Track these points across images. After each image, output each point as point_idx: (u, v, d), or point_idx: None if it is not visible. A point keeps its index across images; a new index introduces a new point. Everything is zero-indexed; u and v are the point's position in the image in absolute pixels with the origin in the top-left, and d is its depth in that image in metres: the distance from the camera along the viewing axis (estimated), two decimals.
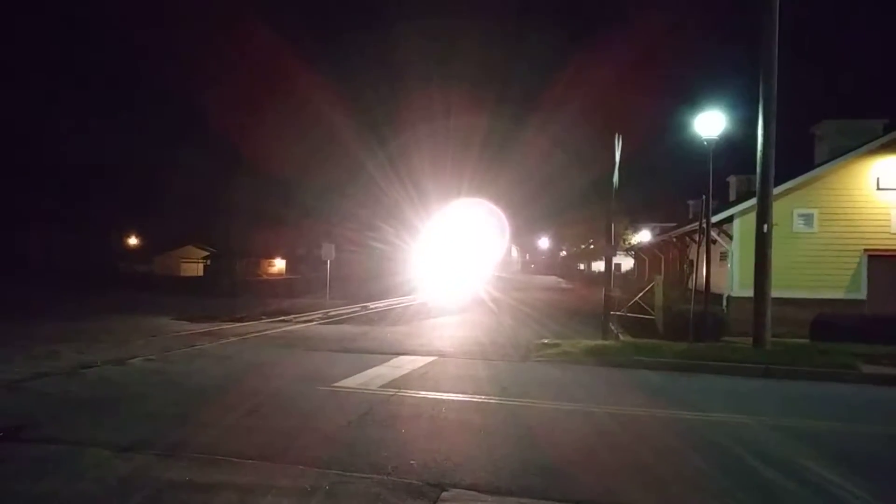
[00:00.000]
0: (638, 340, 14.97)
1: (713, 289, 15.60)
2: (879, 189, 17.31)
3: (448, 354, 12.91)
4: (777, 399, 9.47)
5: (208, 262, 67.37)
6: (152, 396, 8.67)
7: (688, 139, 15.83)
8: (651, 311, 17.36)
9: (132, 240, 75.31)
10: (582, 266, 74.26)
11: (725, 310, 17.30)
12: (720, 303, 17.58)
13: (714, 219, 16.80)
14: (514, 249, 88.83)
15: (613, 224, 16.07)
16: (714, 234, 16.98)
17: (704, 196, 15.16)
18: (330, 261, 25.11)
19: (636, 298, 18.44)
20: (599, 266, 52.56)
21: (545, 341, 14.33)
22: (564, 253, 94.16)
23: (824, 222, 17.56)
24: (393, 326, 18.65)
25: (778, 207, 14.92)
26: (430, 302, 28.30)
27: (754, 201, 14.07)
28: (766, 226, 13.24)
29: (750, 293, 13.85)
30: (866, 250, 17.29)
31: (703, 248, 14.99)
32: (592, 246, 65.04)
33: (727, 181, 31.08)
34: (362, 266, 48.86)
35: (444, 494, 5.18)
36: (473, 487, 5.34)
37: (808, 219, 17.63)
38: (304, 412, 7.85)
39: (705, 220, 15.02)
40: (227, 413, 7.66)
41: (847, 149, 17.98)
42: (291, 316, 20.60)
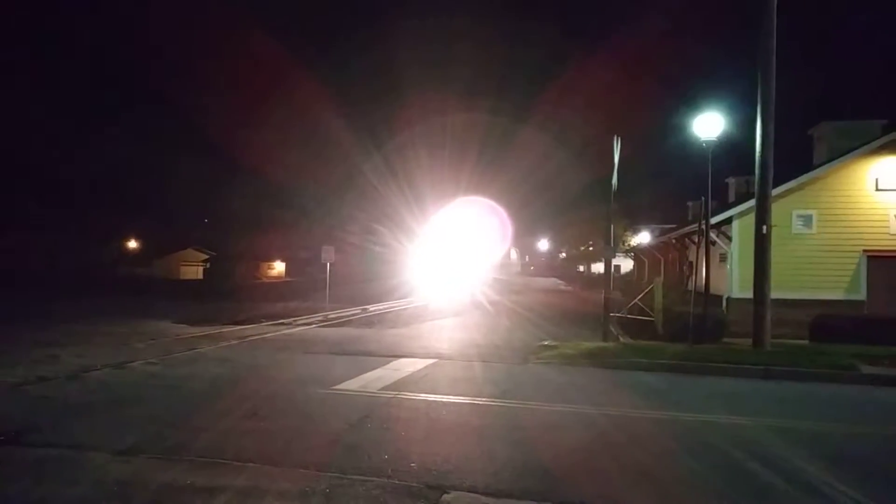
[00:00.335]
0: (637, 342, 14.98)
1: (713, 290, 15.61)
2: (878, 190, 17.33)
3: (447, 357, 12.91)
4: (776, 400, 9.47)
5: (208, 266, 67.42)
6: (152, 400, 8.66)
7: (687, 141, 15.83)
8: (651, 313, 17.36)
9: (132, 243, 75.31)
10: (581, 268, 74.17)
11: (725, 311, 17.31)
12: (720, 304, 17.59)
13: (713, 220, 16.82)
14: (514, 251, 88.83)
15: (613, 226, 16.07)
16: (713, 236, 16.99)
17: (703, 197, 15.16)
18: (329, 263, 25.11)
19: (636, 300, 18.46)
20: (599, 268, 52.47)
21: (544, 343, 14.33)
22: (564, 255, 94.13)
23: (823, 223, 17.57)
24: (392, 329, 18.65)
25: (777, 209, 14.94)
26: (429, 304, 28.30)
27: (753, 202, 14.09)
28: (766, 227, 13.25)
29: (749, 294, 13.86)
30: (865, 251, 17.30)
31: (703, 250, 14.99)
32: (592, 248, 65.02)
33: (726, 182, 31.15)
34: (362, 268, 48.86)
35: (445, 497, 5.18)
36: (473, 490, 5.33)
37: (807, 220, 17.64)
38: (304, 415, 7.84)
39: (704, 222, 15.04)
40: (227, 416, 7.65)
41: (846, 150, 18.01)
42: (291, 319, 20.59)
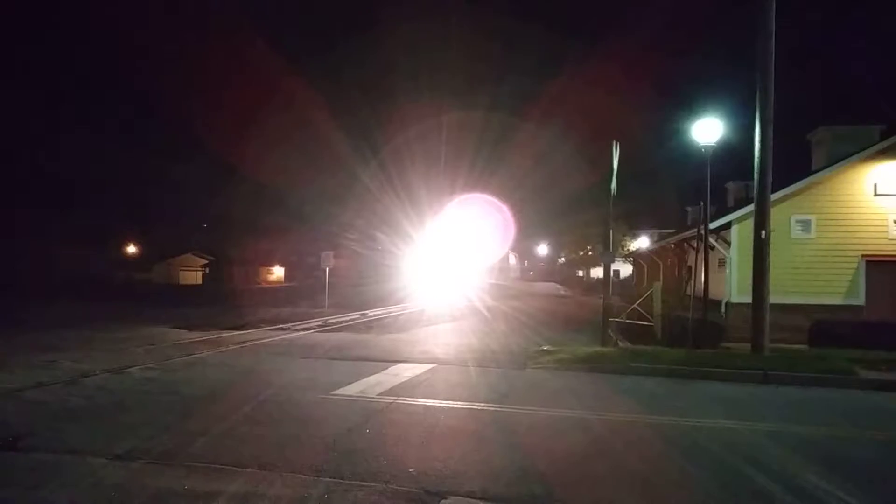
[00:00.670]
0: (636, 347, 14.97)
1: (712, 295, 15.60)
2: (877, 195, 17.35)
3: (446, 362, 12.89)
4: (775, 405, 9.45)
5: (207, 270, 67.42)
6: (150, 405, 8.64)
7: (686, 145, 15.85)
8: (650, 318, 17.36)
9: (131, 248, 75.29)
10: (581, 273, 74.21)
11: (724, 316, 17.32)
12: (719, 309, 17.59)
13: (712, 225, 16.84)
14: (512, 256, 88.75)
15: (612, 230, 16.08)
16: (712, 241, 17.01)
17: (702, 202, 15.18)
18: (328, 269, 25.13)
19: (635, 305, 18.46)
20: (598, 273, 52.40)
21: (543, 348, 14.32)
22: (563, 259, 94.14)
23: (822, 228, 17.59)
24: (391, 334, 18.63)
25: (776, 213, 14.96)
26: (427, 310, 28.29)
27: (752, 207, 14.09)
28: (764, 232, 13.25)
29: (748, 299, 13.85)
30: (864, 256, 17.32)
31: (702, 255, 15.00)
32: (591, 252, 65.02)
33: (725, 187, 31.17)
34: (360, 273, 48.87)
35: (443, 502, 5.17)
36: (472, 495, 5.32)
37: (806, 225, 17.66)
38: (303, 420, 7.83)
39: (703, 227, 15.05)
40: (225, 421, 7.64)
41: (844, 155, 18.04)
42: (290, 324, 20.58)
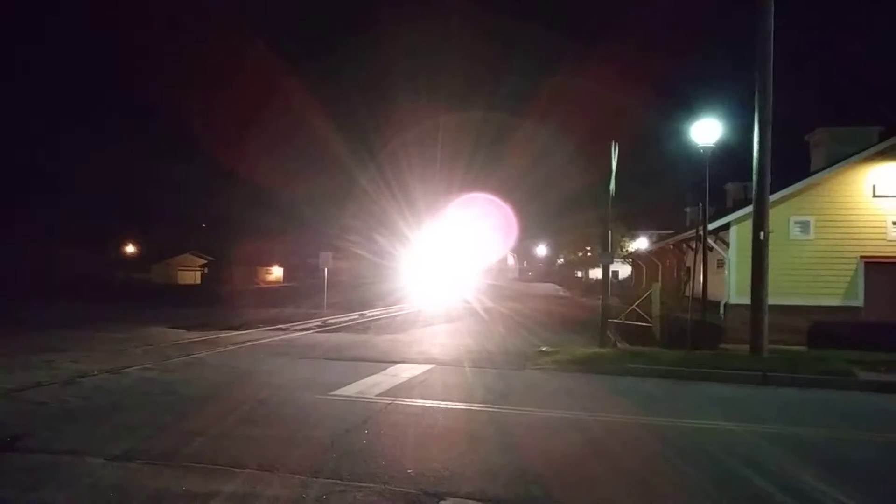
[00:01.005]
0: (635, 348, 14.98)
1: (710, 296, 15.61)
2: (875, 196, 17.36)
3: (445, 363, 12.88)
4: (774, 407, 9.46)
5: (206, 271, 67.39)
6: (148, 405, 8.63)
7: (685, 147, 15.86)
8: (649, 319, 17.36)
9: (130, 248, 75.22)
10: (580, 273, 74.19)
11: (723, 317, 17.33)
12: (717, 310, 17.60)
13: (711, 226, 16.85)
14: (511, 257, 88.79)
15: (610, 231, 16.09)
16: (711, 242, 17.01)
17: (701, 203, 15.19)
18: (327, 269, 25.12)
19: (633, 306, 18.45)
20: (597, 273, 52.45)
21: (542, 349, 14.32)
22: (562, 260, 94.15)
23: (821, 229, 17.60)
24: (389, 334, 18.62)
25: (774, 215, 14.97)
26: (425, 310, 28.27)
27: (751, 208, 14.11)
28: (763, 233, 13.26)
29: (747, 300, 13.86)
30: (863, 257, 17.33)
31: (700, 256, 15.01)
32: (590, 253, 65.05)
33: (724, 188, 31.20)
34: (358, 274, 48.85)
35: (441, 503, 5.17)
36: (470, 496, 5.32)
37: (805, 226, 17.67)
38: (301, 421, 7.82)
39: (702, 228, 15.05)
40: (223, 422, 7.63)
41: (843, 156, 18.06)
42: (289, 324, 20.56)
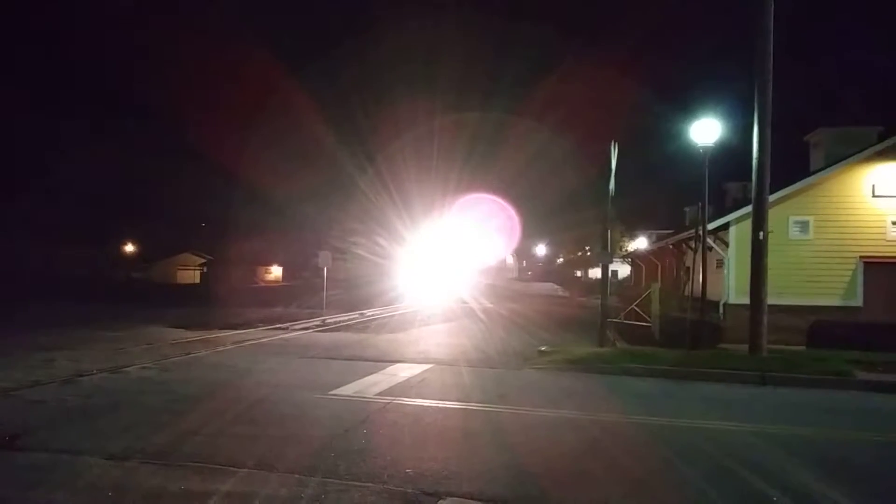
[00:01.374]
0: (634, 348, 14.98)
1: (709, 296, 15.61)
2: (875, 196, 17.35)
3: (444, 362, 12.89)
4: (773, 406, 9.46)
5: (205, 270, 67.31)
6: (147, 404, 8.62)
7: (684, 146, 15.86)
8: (648, 319, 17.36)
9: (129, 247, 75.14)
10: (579, 273, 74.22)
11: (722, 317, 17.32)
12: (716, 310, 17.59)
13: (710, 226, 16.83)
14: (510, 256, 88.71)
15: (609, 231, 16.08)
16: (710, 242, 17.00)
17: (700, 203, 15.19)
18: (326, 269, 25.11)
19: (633, 306, 18.46)
20: (596, 273, 52.39)
21: (541, 349, 14.32)
22: (561, 260, 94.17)
23: (820, 229, 17.59)
24: (388, 334, 18.62)
25: (774, 214, 14.96)
26: (423, 310, 28.28)
27: (750, 208, 14.09)
28: (762, 233, 13.26)
29: (746, 300, 13.85)
30: (862, 257, 17.32)
31: (700, 256, 15.01)
32: (589, 253, 65.09)
33: (723, 188, 31.14)
34: (357, 274, 48.84)
35: (440, 503, 5.16)
36: (469, 496, 5.32)
37: (804, 226, 17.65)
38: (300, 420, 7.82)
39: (701, 228, 15.05)
40: (222, 421, 7.62)
41: (843, 156, 18.04)
42: (288, 323, 20.55)
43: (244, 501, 5.11)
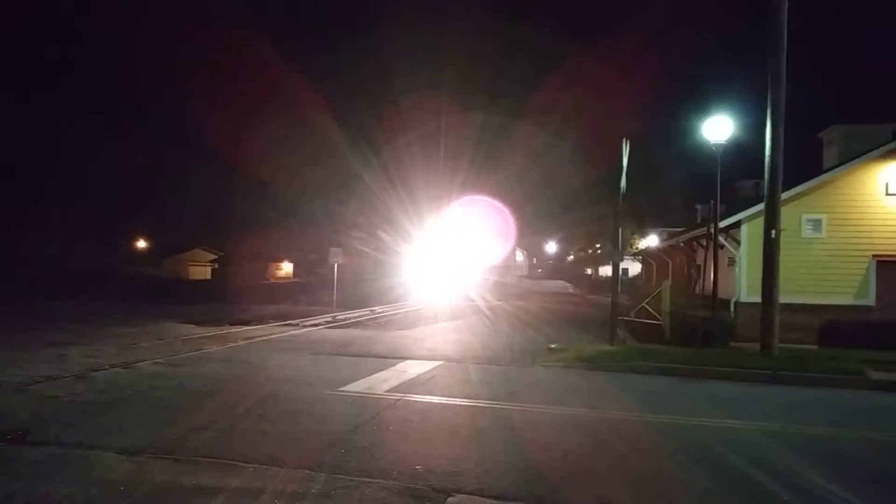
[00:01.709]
0: (644, 346, 14.93)
1: (721, 294, 15.53)
2: (888, 194, 17.19)
3: (453, 359, 12.90)
4: (784, 405, 9.40)
5: (216, 266, 67.71)
6: (159, 400, 8.70)
7: (696, 144, 15.81)
8: (658, 317, 17.30)
9: (140, 243, 75.67)
10: (589, 271, 74.05)
11: (733, 315, 17.23)
12: (728, 308, 17.50)
13: (722, 224, 16.74)
14: (521, 253, 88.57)
15: (620, 228, 16.04)
16: (722, 240, 16.91)
17: (712, 201, 15.12)
18: (337, 265, 25.17)
19: (643, 304, 18.41)
20: (607, 271, 52.19)
21: (550, 346, 14.31)
22: (571, 257, 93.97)
23: (833, 228, 17.45)
24: (397, 331, 18.66)
25: (786, 212, 14.85)
26: (432, 307, 28.29)
27: (762, 206, 14.01)
28: (774, 231, 13.17)
29: (758, 299, 13.77)
30: (875, 256, 17.18)
31: (711, 254, 14.94)
32: (600, 250, 64.90)
33: (735, 186, 30.97)
34: (366, 271, 48.90)
35: (450, 500, 5.17)
36: (478, 493, 5.33)
37: (817, 224, 17.52)
38: (310, 416, 7.86)
39: (713, 225, 14.98)
40: (233, 417, 7.68)
41: (856, 154, 17.89)
42: (298, 320, 20.63)
43: (254, 496, 5.14)
